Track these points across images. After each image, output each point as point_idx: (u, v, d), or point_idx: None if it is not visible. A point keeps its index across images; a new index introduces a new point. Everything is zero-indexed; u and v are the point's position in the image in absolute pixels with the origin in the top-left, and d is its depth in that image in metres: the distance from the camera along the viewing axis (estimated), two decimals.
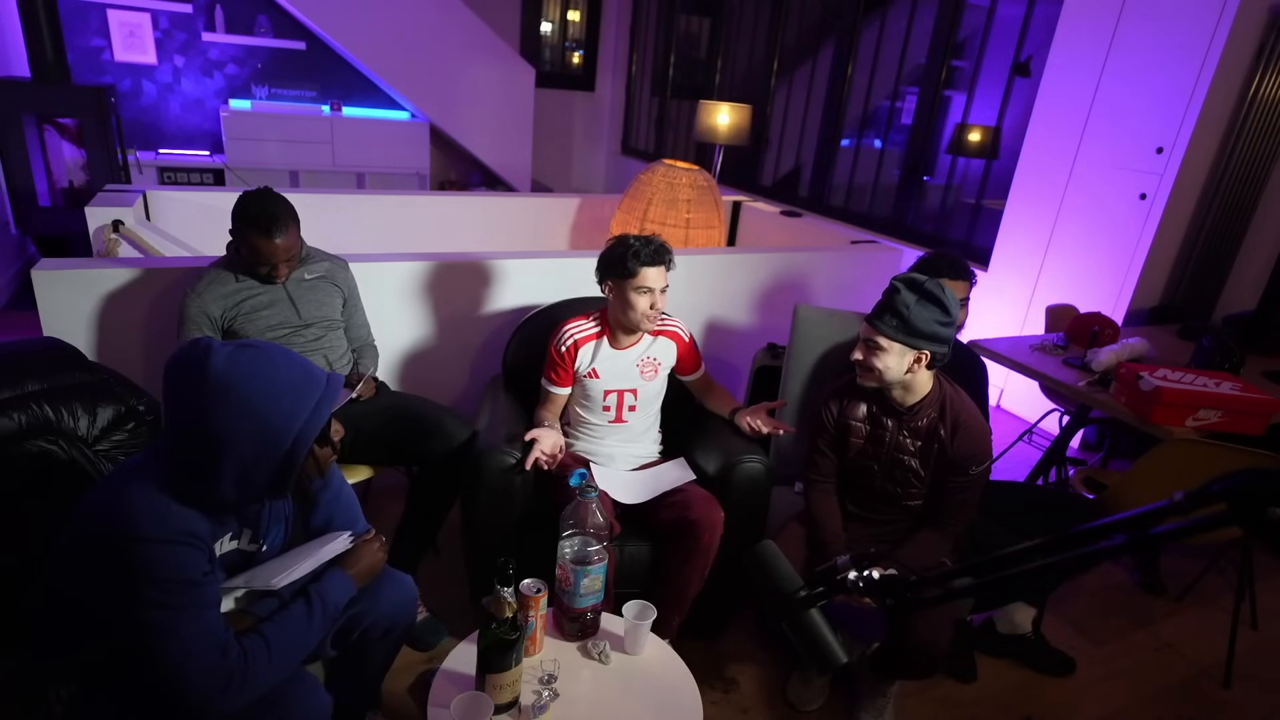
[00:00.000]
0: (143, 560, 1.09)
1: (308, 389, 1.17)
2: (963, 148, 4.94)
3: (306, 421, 1.15)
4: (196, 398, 1.12)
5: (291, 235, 1.99)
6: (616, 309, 2.05)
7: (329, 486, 1.46)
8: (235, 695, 1.14)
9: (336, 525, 1.46)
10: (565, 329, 2.09)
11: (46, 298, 2.13)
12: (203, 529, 1.17)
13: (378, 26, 5.42)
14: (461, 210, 4.01)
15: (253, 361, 1.14)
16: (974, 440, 1.81)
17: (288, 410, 1.14)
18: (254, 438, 1.12)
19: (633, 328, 2.06)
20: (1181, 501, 0.75)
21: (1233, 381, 2.26)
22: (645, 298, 1.99)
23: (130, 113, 5.37)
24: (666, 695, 1.50)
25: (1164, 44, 3.16)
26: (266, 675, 1.18)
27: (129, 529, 1.09)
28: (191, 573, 1.13)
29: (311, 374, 1.20)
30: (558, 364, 2.08)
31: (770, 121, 5.68)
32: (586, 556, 1.54)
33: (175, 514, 1.13)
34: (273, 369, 1.15)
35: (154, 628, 1.10)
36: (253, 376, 1.13)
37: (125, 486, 1.14)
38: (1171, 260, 3.42)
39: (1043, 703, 2.11)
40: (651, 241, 2.00)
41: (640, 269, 1.96)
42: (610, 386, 2.09)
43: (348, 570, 1.37)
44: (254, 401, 1.12)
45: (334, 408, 1.20)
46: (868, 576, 1.01)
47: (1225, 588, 2.65)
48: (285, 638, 1.22)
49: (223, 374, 1.11)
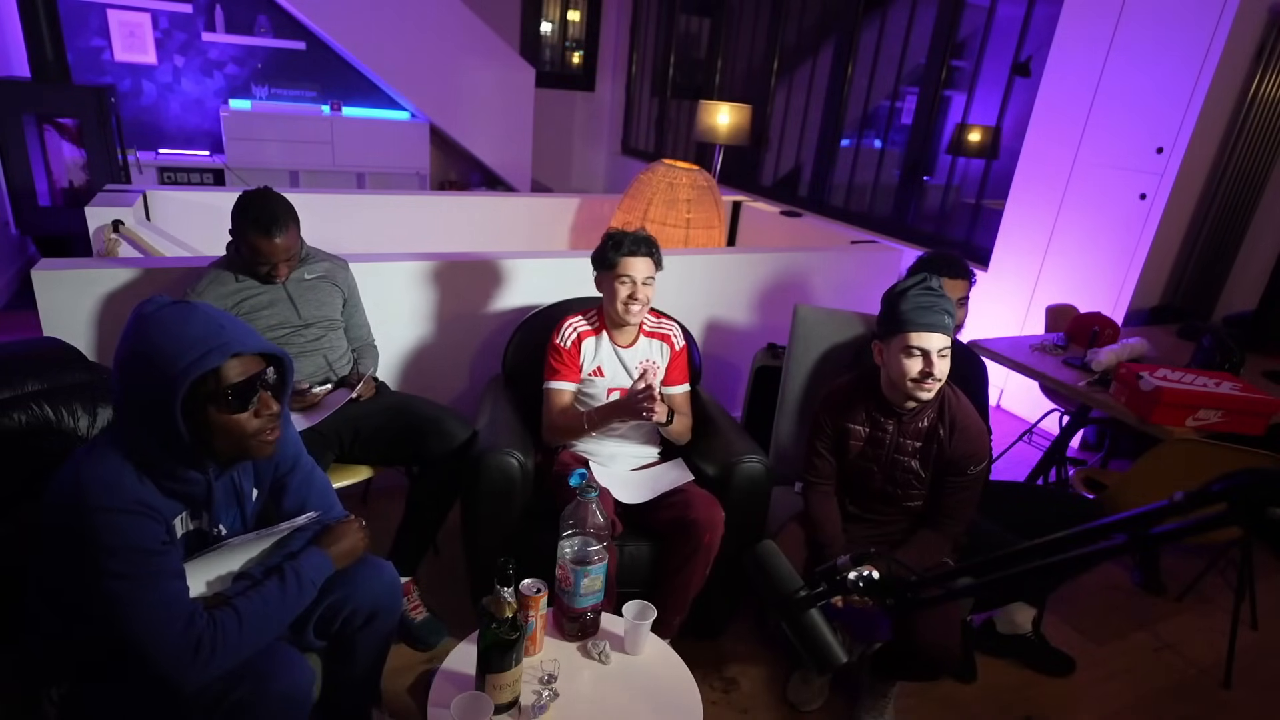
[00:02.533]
0: (98, 530, 1.11)
1: (207, 339, 1.16)
2: (963, 148, 4.94)
3: (188, 364, 1.13)
4: (123, 336, 1.18)
5: (291, 235, 1.99)
6: (606, 303, 2.09)
7: (298, 470, 1.46)
8: (204, 665, 1.14)
9: (310, 509, 1.45)
10: (566, 323, 2.12)
11: (46, 298, 2.13)
12: (157, 501, 1.18)
13: (378, 26, 5.42)
14: (461, 210, 4.02)
15: (172, 310, 1.18)
16: (973, 440, 1.81)
17: (174, 350, 1.14)
18: (142, 369, 1.15)
19: (619, 321, 2.09)
20: (1181, 501, 0.75)
21: (1233, 381, 2.26)
22: (625, 287, 2.03)
23: (130, 113, 5.37)
24: (666, 695, 1.50)
25: (1164, 44, 3.16)
26: (239, 646, 1.18)
27: (85, 500, 1.11)
28: (148, 541, 1.14)
29: (223, 330, 1.19)
30: (563, 358, 2.09)
31: (770, 121, 5.68)
32: (586, 556, 1.54)
33: (127, 484, 1.15)
34: (187, 317, 1.17)
35: (116, 599, 1.11)
36: (167, 319, 1.16)
37: (81, 462, 1.16)
38: (1171, 260, 3.42)
39: (1043, 703, 2.11)
40: (635, 235, 2.05)
41: (619, 259, 2.02)
42: (614, 385, 2.10)
43: (325, 549, 1.36)
44: (152, 336, 1.15)
45: (223, 357, 1.16)
46: (868, 576, 1.01)
47: (1225, 588, 2.66)
48: (257, 609, 1.22)
49: (142, 315, 1.17)
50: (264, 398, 1.24)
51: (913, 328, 1.71)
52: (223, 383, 1.18)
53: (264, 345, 1.24)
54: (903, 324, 1.72)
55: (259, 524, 1.43)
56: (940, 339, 1.71)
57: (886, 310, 1.79)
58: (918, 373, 1.72)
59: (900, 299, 1.74)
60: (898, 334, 1.73)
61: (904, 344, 1.72)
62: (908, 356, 1.73)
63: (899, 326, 1.73)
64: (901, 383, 1.75)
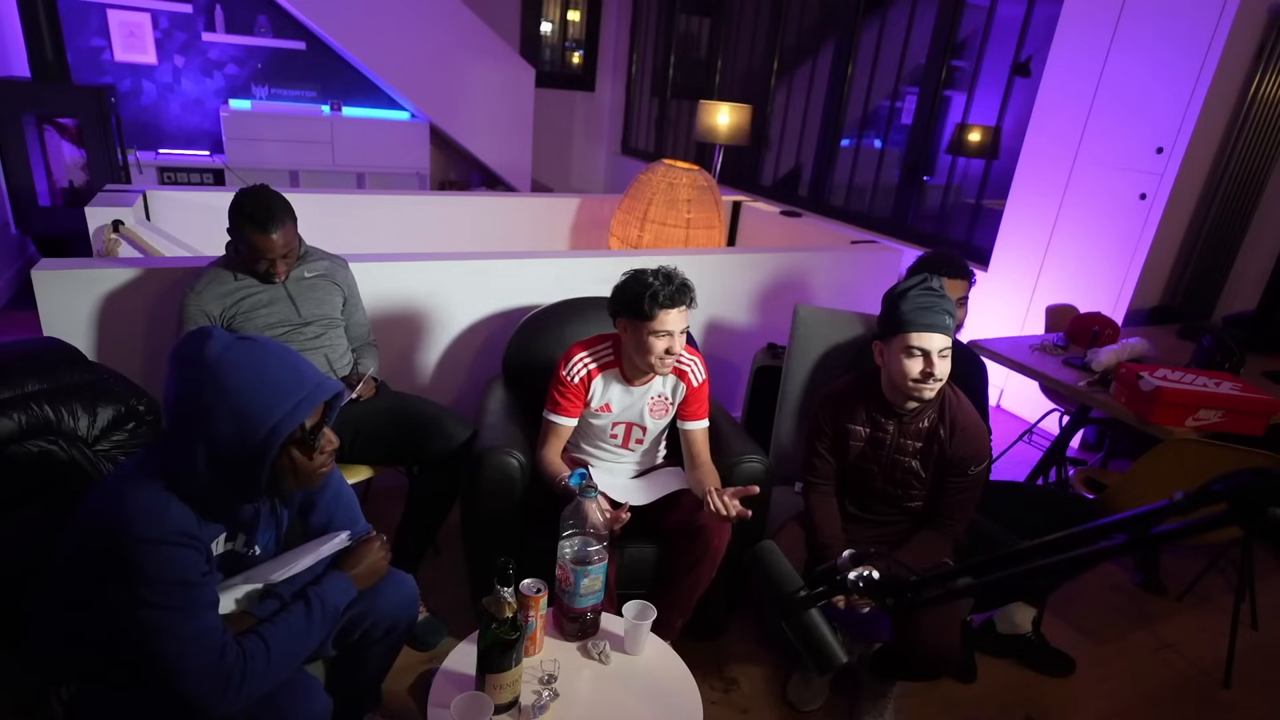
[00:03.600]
0: (141, 561, 1.10)
1: (293, 387, 1.17)
2: (963, 148, 4.94)
3: (283, 417, 1.15)
4: (188, 377, 1.14)
5: (288, 231, 1.99)
6: (630, 349, 1.91)
7: (328, 487, 1.46)
8: (234, 696, 1.15)
9: (336, 526, 1.46)
10: (577, 357, 1.96)
11: (46, 298, 2.13)
12: (199, 530, 1.17)
13: (378, 26, 5.42)
14: (461, 210, 4.01)
15: (245, 350, 1.16)
16: (973, 440, 1.81)
17: (266, 402, 1.14)
18: (229, 422, 1.13)
19: (647, 370, 1.93)
20: (1181, 501, 0.75)
21: (1233, 381, 2.26)
22: (662, 341, 1.84)
23: (130, 113, 5.37)
24: (666, 695, 1.50)
25: (1164, 44, 3.16)
26: (266, 676, 1.19)
27: (127, 530, 1.10)
28: (189, 574, 1.14)
29: (302, 375, 1.19)
30: (568, 393, 1.95)
31: (770, 121, 5.68)
32: (586, 556, 1.54)
33: (172, 514, 1.13)
34: (263, 361, 1.16)
35: (151, 628, 1.11)
36: (240, 364, 1.14)
37: (123, 487, 1.14)
38: (1171, 260, 3.42)
39: (1043, 703, 2.11)
40: (673, 279, 1.83)
41: (658, 312, 1.80)
42: (621, 419, 2.02)
43: (348, 572, 1.37)
44: (236, 387, 1.13)
45: (313, 407, 1.18)
46: (868, 576, 1.01)
47: (1225, 588, 2.66)
48: (284, 639, 1.22)
49: (214, 358, 1.13)
50: (327, 434, 1.25)
51: (913, 328, 1.71)
52: (305, 429, 1.20)
53: (334, 386, 1.25)
54: (903, 324, 1.72)
55: (288, 540, 1.44)
56: (941, 339, 1.71)
57: (887, 310, 1.79)
58: (918, 373, 1.72)
59: (901, 299, 1.74)
60: (898, 334, 1.73)
61: (904, 344, 1.72)
62: (908, 357, 1.73)
63: (899, 327, 1.73)
64: (902, 383, 1.75)
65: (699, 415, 2.03)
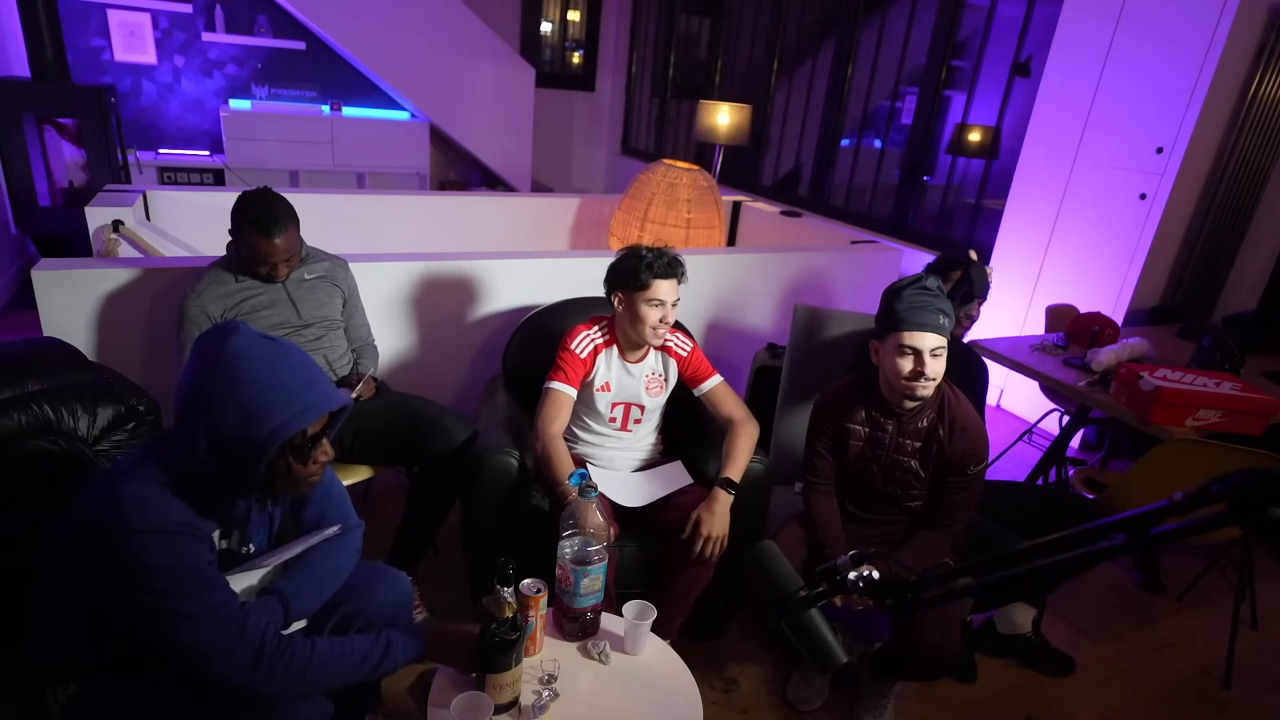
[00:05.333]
0: (140, 552, 1.10)
1: (302, 393, 1.18)
2: (963, 148, 4.94)
3: (286, 420, 1.16)
4: (206, 364, 1.16)
5: (291, 235, 1.99)
6: (625, 322, 2.01)
7: (319, 484, 1.46)
8: (266, 675, 1.15)
9: (329, 521, 1.46)
10: (584, 334, 2.04)
11: (46, 298, 2.13)
12: (198, 522, 1.18)
13: (378, 26, 5.42)
14: (461, 210, 4.01)
15: (267, 349, 1.18)
16: (972, 440, 1.81)
17: (273, 402, 1.16)
18: (235, 414, 1.14)
19: (640, 341, 2.02)
20: (1181, 501, 0.75)
21: (1233, 381, 2.26)
22: (656, 310, 1.95)
23: (130, 113, 5.37)
24: (666, 695, 1.50)
25: (1164, 44, 3.16)
26: (303, 674, 1.19)
27: (123, 523, 1.10)
28: (194, 560, 1.14)
29: (313, 382, 1.21)
30: (574, 364, 2.01)
31: (770, 121, 5.68)
32: (586, 556, 1.54)
33: (170, 507, 1.14)
34: (280, 362, 1.18)
35: (163, 614, 1.11)
36: (258, 361, 1.16)
37: (118, 482, 1.15)
38: (1171, 260, 3.42)
39: (1043, 703, 2.11)
40: (664, 253, 1.96)
41: (653, 281, 1.93)
42: (619, 399, 2.07)
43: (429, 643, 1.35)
44: (248, 382, 1.15)
45: (317, 415, 1.20)
46: (868, 576, 1.01)
47: (1225, 588, 2.65)
48: (335, 653, 1.23)
49: (235, 351, 1.16)
50: (324, 445, 1.27)
51: (905, 327, 1.71)
52: (305, 436, 1.21)
53: (341, 399, 1.26)
54: (896, 323, 1.73)
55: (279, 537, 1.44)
56: (933, 339, 1.71)
57: (882, 309, 1.79)
58: (909, 371, 1.73)
59: (895, 298, 1.75)
60: (891, 333, 1.74)
61: (897, 343, 1.73)
62: (900, 355, 1.73)
63: (893, 325, 1.73)
64: (896, 381, 1.76)
65: (708, 374, 2.10)
